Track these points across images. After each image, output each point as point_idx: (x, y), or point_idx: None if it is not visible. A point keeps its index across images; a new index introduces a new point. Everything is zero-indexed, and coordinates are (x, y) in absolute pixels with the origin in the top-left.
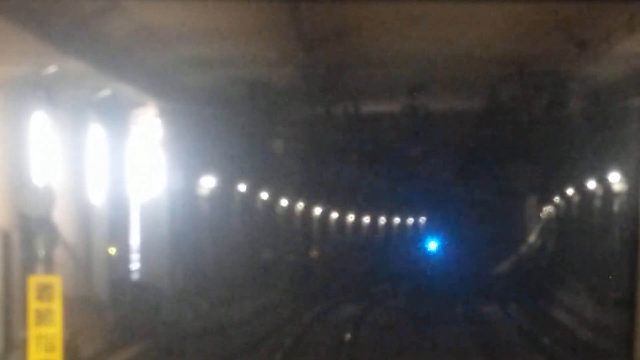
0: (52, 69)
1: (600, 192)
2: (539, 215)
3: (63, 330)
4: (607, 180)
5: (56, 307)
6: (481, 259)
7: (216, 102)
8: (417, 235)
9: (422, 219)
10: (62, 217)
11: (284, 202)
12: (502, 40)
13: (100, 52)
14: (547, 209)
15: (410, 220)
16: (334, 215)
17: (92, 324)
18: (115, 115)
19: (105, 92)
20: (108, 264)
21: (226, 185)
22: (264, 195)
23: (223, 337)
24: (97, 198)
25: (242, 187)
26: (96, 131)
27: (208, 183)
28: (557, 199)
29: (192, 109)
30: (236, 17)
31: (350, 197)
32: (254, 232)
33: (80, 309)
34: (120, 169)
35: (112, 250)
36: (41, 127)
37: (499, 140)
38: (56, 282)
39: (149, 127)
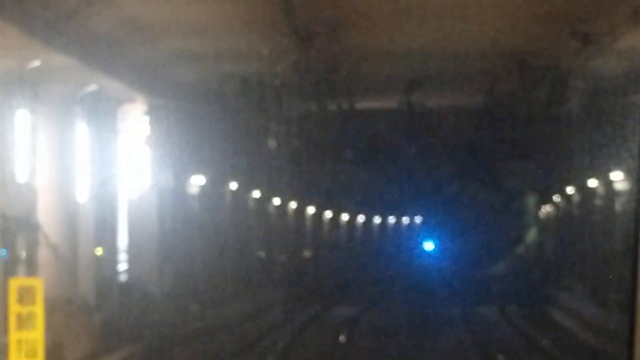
0: (36, 63)
1: (601, 191)
2: (537, 215)
3: (46, 335)
4: (608, 178)
5: (38, 310)
6: (479, 260)
7: (206, 98)
8: (413, 235)
9: (418, 219)
10: (47, 217)
11: (276, 201)
12: (501, 35)
13: (86, 46)
14: (546, 208)
15: (406, 220)
16: (328, 214)
17: (77, 327)
18: (102, 111)
19: (92, 88)
20: (94, 265)
21: (217, 184)
22: (256, 194)
23: (214, 339)
24: (84, 197)
25: (233, 186)
26: (82, 128)
27: (198, 181)
28: (556, 198)
29: (181, 105)
30: (227, 11)
31: (344, 195)
32: (245, 231)
33: (65, 311)
34: (108, 166)
35: (99, 251)
36: (25, 124)
37: (498, 137)
38: (38, 284)
39: (137, 124)
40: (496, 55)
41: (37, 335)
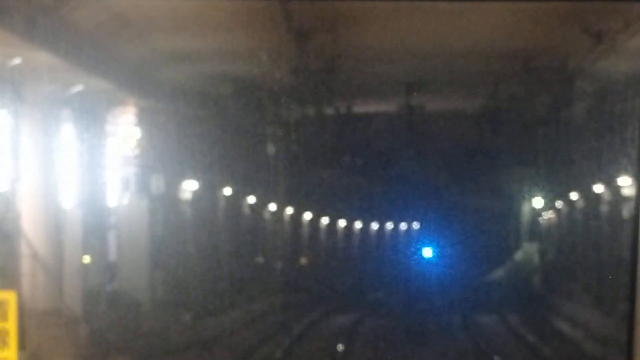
0: (17, 61)
1: (606, 197)
2: (538, 221)
3: (28, 348)
4: (615, 184)
5: (10, 327)
6: (479, 266)
7: (199, 100)
8: (411, 242)
9: (417, 225)
10: (30, 224)
11: (272, 207)
12: (506, 34)
13: (70, 43)
14: (548, 214)
15: (405, 226)
16: (325, 220)
17: (62, 340)
18: (90, 113)
19: (78, 88)
20: (81, 274)
21: (210, 189)
22: (251, 200)
23: (207, 350)
24: (70, 203)
25: (227, 191)
26: (68, 130)
27: (190, 186)
28: (559, 203)
29: (173, 107)
30: (221, 8)
31: (341, 201)
32: (240, 238)
33: (49, 323)
34: (95, 171)
35: (86, 259)
36: (6, 125)
37: (500, 142)
38: (11, 298)
39: (126, 127)
40: (501, 55)
41: (9, 354)
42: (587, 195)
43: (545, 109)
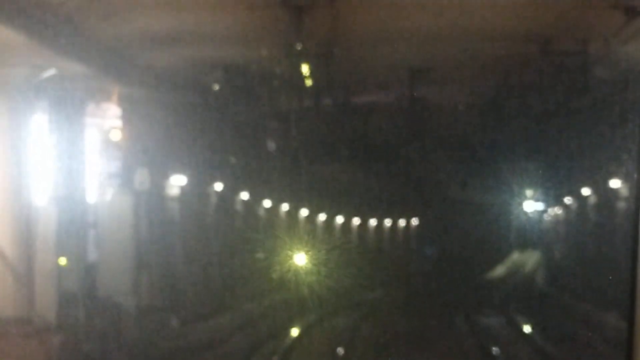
0: None
1: (620, 193)
2: (544, 218)
3: None
4: (630, 179)
5: None
6: (481, 264)
7: (186, 86)
8: (412, 239)
9: (418, 221)
10: None
11: (266, 204)
12: (522, 13)
13: (35, 19)
14: (555, 211)
15: (405, 222)
16: (322, 217)
17: (35, 351)
18: (65, 100)
19: (52, 72)
20: (57, 278)
21: (200, 185)
22: (244, 196)
23: (197, 358)
24: (44, 199)
25: (218, 186)
26: (42, 119)
27: (178, 182)
28: (567, 200)
29: (158, 95)
30: None
31: (339, 197)
32: (232, 237)
33: (20, 333)
34: (73, 164)
35: (63, 261)
36: None
37: (507, 135)
38: None
39: (107, 115)
40: (515, 38)
41: None
42: (599, 192)
43: (564, 99)
